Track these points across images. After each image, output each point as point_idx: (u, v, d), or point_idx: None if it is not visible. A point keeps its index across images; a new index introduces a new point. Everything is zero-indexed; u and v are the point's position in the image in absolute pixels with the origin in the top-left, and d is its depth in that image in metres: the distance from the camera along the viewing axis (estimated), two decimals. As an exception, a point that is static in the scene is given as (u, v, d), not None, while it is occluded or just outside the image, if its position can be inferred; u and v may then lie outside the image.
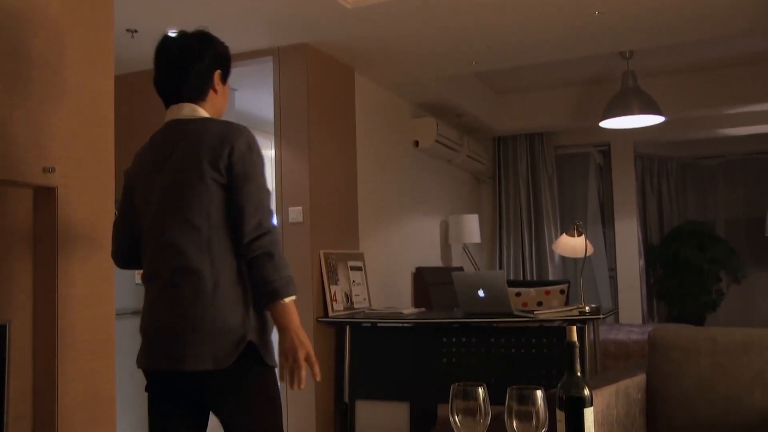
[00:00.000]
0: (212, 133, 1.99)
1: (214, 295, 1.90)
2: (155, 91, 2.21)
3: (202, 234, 1.94)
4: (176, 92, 2.13)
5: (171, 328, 1.93)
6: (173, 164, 2.01)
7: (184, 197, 1.96)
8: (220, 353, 1.88)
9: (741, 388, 2.47)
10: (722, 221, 8.54)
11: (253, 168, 1.97)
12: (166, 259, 1.97)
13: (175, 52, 2.13)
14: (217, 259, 1.93)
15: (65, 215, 2.85)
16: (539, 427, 1.43)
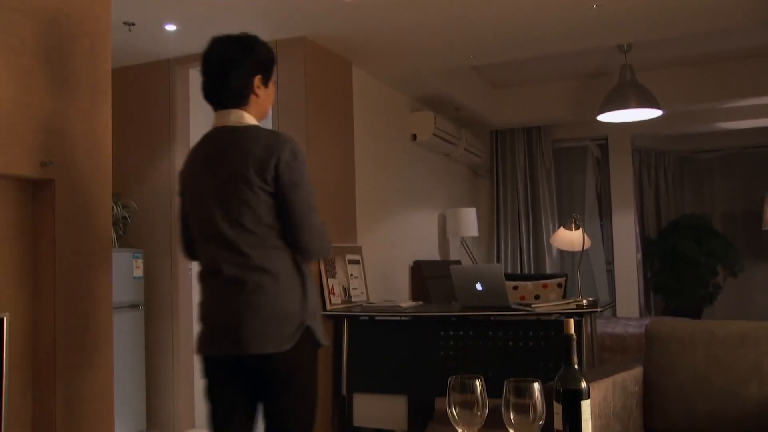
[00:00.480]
0: (260, 144, 2.15)
1: (275, 287, 2.13)
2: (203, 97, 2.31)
3: (258, 235, 2.15)
4: (219, 100, 2.27)
5: (236, 318, 2.13)
6: (225, 173, 2.17)
7: (237, 205, 2.14)
8: (281, 338, 2.11)
9: (737, 380, 2.48)
10: (719, 215, 8.56)
11: (300, 176, 2.16)
12: (226, 257, 2.17)
13: (215, 61, 2.27)
14: (273, 256, 2.15)
15: (63, 208, 2.85)
16: (536, 419, 1.43)
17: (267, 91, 2.30)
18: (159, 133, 5.01)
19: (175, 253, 4.92)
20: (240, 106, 2.24)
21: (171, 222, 4.94)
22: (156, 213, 4.97)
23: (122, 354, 4.53)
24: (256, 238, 2.15)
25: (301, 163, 2.18)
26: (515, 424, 1.43)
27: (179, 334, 4.88)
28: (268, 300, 2.12)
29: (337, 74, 5.07)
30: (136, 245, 4.93)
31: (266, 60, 2.30)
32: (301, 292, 2.18)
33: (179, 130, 5.00)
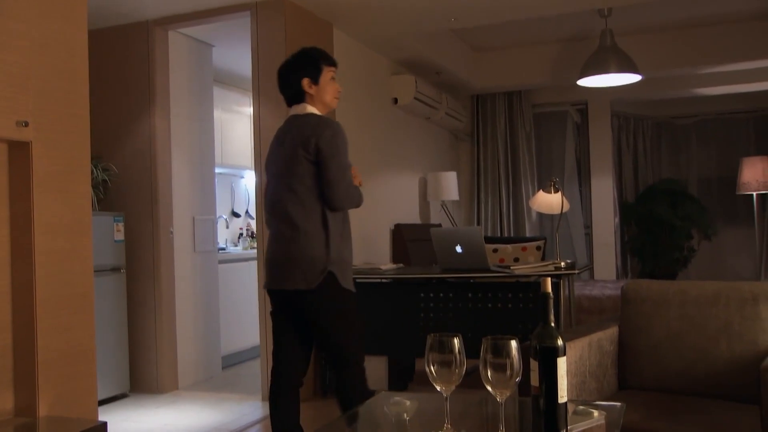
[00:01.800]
0: (309, 125, 2.80)
1: (305, 238, 2.74)
2: None
3: (298, 195, 2.77)
4: (287, 100, 2.98)
5: (278, 261, 2.81)
6: (286, 146, 2.83)
7: (288, 169, 2.80)
8: (308, 277, 2.72)
9: (708, 338, 2.55)
10: (695, 180, 8.68)
11: (336, 150, 2.76)
12: (275, 211, 2.84)
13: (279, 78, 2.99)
14: (308, 212, 2.76)
15: (41, 170, 2.84)
16: (513, 376, 1.47)
17: (320, 88, 2.91)
18: (139, 96, 4.96)
19: (156, 216, 4.91)
20: (300, 102, 2.91)
21: (152, 185, 4.92)
22: (137, 176, 4.95)
23: (104, 317, 4.55)
24: (298, 198, 2.76)
25: (339, 141, 2.78)
26: (493, 382, 1.47)
27: (161, 297, 4.89)
28: (298, 248, 2.73)
29: (317, 36, 5.02)
30: (116, 208, 4.91)
31: (310, 65, 2.91)
32: (325, 244, 2.75)
33: (159, 92, 4.95)
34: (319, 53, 2.96)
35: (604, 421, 1.63)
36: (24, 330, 2.81)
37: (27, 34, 2.78)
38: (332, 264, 2.75)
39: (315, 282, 2.72)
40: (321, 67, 2.91)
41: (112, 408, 4.51)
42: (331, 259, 2.75)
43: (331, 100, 2.95)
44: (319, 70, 2.91)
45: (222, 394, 4.87)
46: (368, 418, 1.92)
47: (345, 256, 2.84)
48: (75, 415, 2.95)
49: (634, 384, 2.69)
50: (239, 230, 6.97)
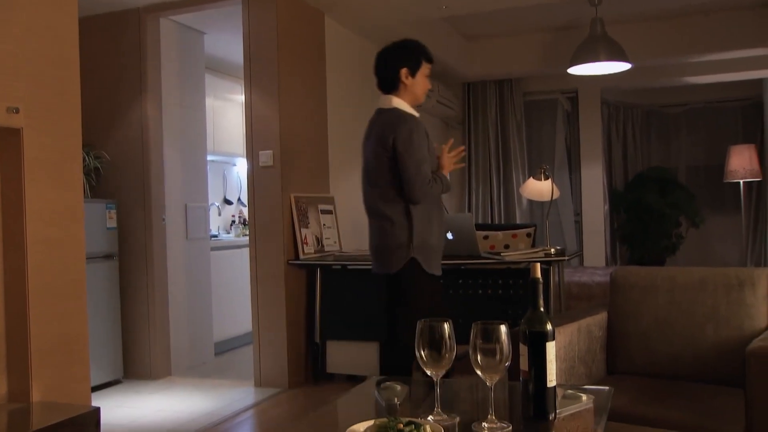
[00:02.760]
0: (388, 122, 2.99)
1: (391, 228, 3.00)
2: None
3: (382, 189, 3.02)
4: (380, 87, 3.13)
5: (372, 248, 3.14)
6: (370, 143, 3.08)
7: (371, 166, 3.07)
8: (393, 263, 3.00)
9: (695, 324, 2.59)
10: (684, 168, 8.74)
11: (411, 146, 2.94)
12: (366, 203, 3.15)
13: (376, 58, 3.14)
14: (391, 205, 3.00)
15: (32, 156, 2.84)
16: (503, 360, 1.49)
17: (415, 81, 3.07)
18: (130, 84, 4.95)
19: (148, 203, 4.91)
20: (392, 93, 3.07)
21: (144, 172, 4.92)
22: (129, 163, 4.94)
23: (97, 304, 4.56)
24: (381, 192, 3.02)
25: (415, 137, 2.96)
26: (482, 366, 1.49)
27: (154, 284, 4.91)
28: (385, 236, 3.02)
29: (309, 25, 5.02)
30: (109, 196, 4.91)
31: (411, 56, 3.07)
32: (408, 232, 2.98)
33: (150, 79, 4.94)
34: (422, 48, 3.13)
35: (593, 405, 1.65)
36: (17, 317, 2.82)
37: (17, 20, 2.78)
38: (415, 251, 2.98)
39: (397, 267, 2.98)
40: (420, 62, 3.09)
41: (105, 394, 4.53)
42: (414, 247, 2.98)
43: (421, 94, 3.13)
44: (419, 64, 3.08)
45: (215, 380, 4.90)
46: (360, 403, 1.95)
47: (431, 242, 3.05)
48: (68, 400, 2.96)
49: (623, 369, 2.73)
50: (231, 217, 6.98)
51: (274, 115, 4.61)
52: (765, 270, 2.62)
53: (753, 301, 2.52)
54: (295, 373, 4.64)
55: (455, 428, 1.53)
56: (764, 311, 2.51)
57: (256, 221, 4.67)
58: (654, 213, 7.97)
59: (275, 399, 4.36)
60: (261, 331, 4.65)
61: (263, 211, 4.65)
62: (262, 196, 4.65)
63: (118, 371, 4.81)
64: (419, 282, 3.00)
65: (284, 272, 4.58)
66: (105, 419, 3.49)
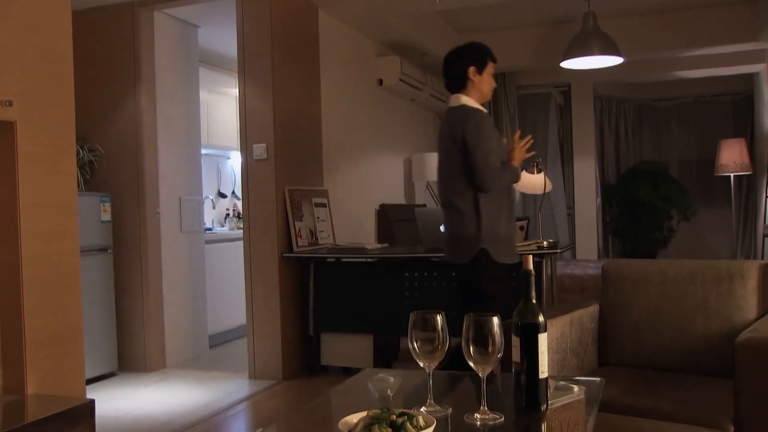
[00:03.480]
0: (457, 118, 3.16)
1: (461, 219, 3.15)
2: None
3: (453, 181, 3.17)
4: (449, 87, 3.31)
5: (446, 238, 3.29)
6: (442, 139, 3.24)
7: (443, 159, 3.24)
8: (464, 253, 3.14)
9: (685, 315, 2.61)
10: (675, 161, 8.78)
11: (479, 137, 3.07)
12: (440, 196, 3.32)
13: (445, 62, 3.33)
14: (462, 196, 3.14)
15: (25, 149, 2.84)
16: (495, 352, 1.50)
17: (482, 78, 3.23)
18: (125, 77, 4.94)
19: (142, 196, 4.91)
20: (460, 91, 3.23)
21: (138, 166, 4.92)
22: (123, 157, 4.94)
23: (92, 297, 4.57)
24: (451, 184, 3.17)
25: (483, 130, 3.09)
26: (475, 358, 1.50)
27: (148, 277, 4.91)
28: (456, 227, 3.17)
29: (303, 18, 5.02)
30: (103, 189, 4.91)
31: (478, 55, 3.24)
32: (477, 223, 3.11)
33: (145, 73, 4.93)
34: (487, 49, 3.31)
35: (584, 396, 1.66)
36: (11, 310, 2.83)
37: (10, 14, 2.77)
38: (485, 241, 3.11)
39: (469, 257, 3.12)
40: (487, 61, 3.25)
41: (100, 386, 4.54)
42: (483, 237, 3.11)
43: (488, 92, 3.27)
44: (485, 63, 3.25)
45: (209, 372, 4.91)
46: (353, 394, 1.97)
47: (500, 232, 3.17)
48: (63, 393, 2.97)
49: (614, 360, 2.75)
50: (225, 211, 6.98)
51: (268, 108, 4.62)
52: (755, 262, 2.64)
53: (743, 293, 2.55)
54: (289, 365, 4.66)
55: (448, 419, 1.54)
56: (754, 303, 2.54)
57: (250, 214, 4.68)
58: (646, 206, 8.01)
59: (270, 391, 4.38)
60: (255, 324, 4.67)
61: (257, 204, 4.66)
62: (256, 189, 4.66)
63: (113, 364, 4.82)
64: (490, 271, 3.14)
65: (278, 265, 4.60)
66: (100, 411, 3.50)
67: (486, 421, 1.50)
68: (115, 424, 3.77)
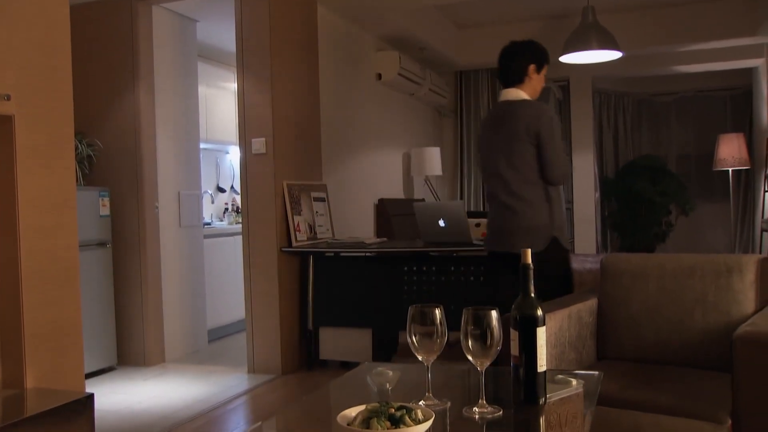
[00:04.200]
0: (528, 113, 3.20)
1: (531, 209, 3.19)
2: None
3: (522, 173, 3.19)
4: (504, 78, 3.35)
5: (507, 229, 3.23)
6: (507, 131, 3.22)
7: (512, 152, 3.21)
8: (535, 242, 3.09)
9: (684, 309, 2.62)
10: (674, 156, 8.78)
11: (553, 133, 3.18)
12: (500, 188, 3.25)
13: (506, 53, 3.38)
14: (530, 189, 3.19)
15: (24, 144, 2.84)
16: (493, 345, 1.50)
17: (539, 77, 3.34)
18: (123, 72, 4.93)
19: (141, 191, 4.91)
20: (516, 85, 3.30)
21: (137, 160, 4.91)
22: (122, 151, 4.94)
23: (91, 291, 4.57)
24: (521, 176, 3.18)
25: (555, 126, 3.20)
26: (473, 351, 1.51)
27: (147, 271, 4.91)
28: (526, 218, 3.19)
29: (301, 12, 5.01)
30: (102, 184, 4.90)
31: (540, 55, 3.33)
32: (549, 214, 3.21)
33: (143, 68, 4.92)
34: (546, 51, 3.41)
35: (582, 390, 1.67)
36: (10, 304, 2.83)
37: (8, 8, 2.77)
38: (555, 230, 3.22)
39: (541, 246, 3.15)
40: (543, 62, 3.36)
41: (99, 381, 4.54)
42: (554, 226, 3.22)
43: (539, 90, 3.39)
44: (542, 64, 3.36)
45: (208, 366, 4.92)
46: (352, 387, 1.97)
47: (563, 221, 3.33)
48: (62, 387, 2.98)
49: (612, 354, 2.76)
50: (224, 205, 6.98)
51: (266, 102, 4.61)
52: (753, 257, 2.65)
53: (741, 287, 2.55)
54: (288, 359, 4.66)
55: (446, 413, 1.54)
56: (752, 297, 2.55)
57: (249, 209, 4.68)
58: (644, 201, 8.01)
59: (269, 385, 4.38)
60: (254, 318, 4.67)
61: (256, 198, 4.66)
62: (254, 183, 4.66)
63: (112, 358, 4.83)
64: (560, 256, 3.28)
65: (277, 259, 4.60)
66: (99, 406, 3.50)
67: (484, 414, 1.50)
68: (114, 418, 3.78)
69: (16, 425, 2.44)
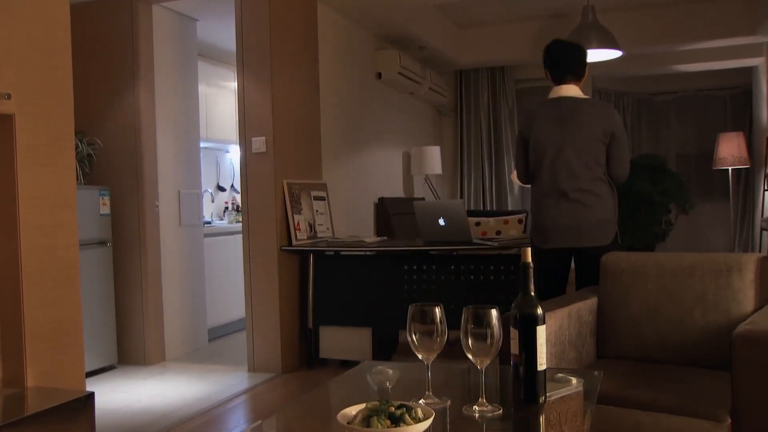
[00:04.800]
0: (601, 113, 3.31)
1: (600, 204, 3.30)
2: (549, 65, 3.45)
3: (592, 170, 3.29)
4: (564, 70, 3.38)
5: (578, 223, 3.29)
6: (579, 129, 3.28)
7: (585, 149, 3.28)
8: (604, 236, 3.29)
9: (684, 309, 2.62)
10: (673, 155, 8.78)
11: (624, 134, 3.35)
12: (572, 185, 3.28)
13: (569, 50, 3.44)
14: (599, 185, 3.29)
15: (24, 143, 2.84)
16: (494, 344, 1.51)
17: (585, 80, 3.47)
18: (123, 71, 4.94)
19: (141, 190, 4.91)
20: (573, 83, 3.38)
21: (137, 159, 4.91)
22: (122, 150, 4.94)
23: (91, 290, 4.57)
24: (592, 173, 3.28)
25: (622, 126, 3.36)
26: (473, 350, 1.51)
27: (147, 270, 4.92)
28: (596, 212, 3.29)
29: (302, 11, 5.01)
30: (102, 183, 4.91)
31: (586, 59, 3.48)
32: (614, 208, 3.38)
33: (143, 67, 4.92)
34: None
35: (582, 388, 1.67)
36: (11, 302, 2.83)
37: (7, 6, 2.77)
38: (617, 224, 3.40)
39: (609, 239, 3.31)
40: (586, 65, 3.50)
41: (99, 379, 4.55)
42: (617, 221, 3.40)
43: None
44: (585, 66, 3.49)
45: (208, 365, 4.93)
46: (352, 386, 1.97)
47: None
48: (63, 385, 2.98)
49: (612, 353, 2.76)
50: (224, 204, 6.98)
51: (266, 101, 4.61)
52: (752, 255, 2.65)
53: (740, 286, 2.56)
54: (288, 358, 4.67)
55: (446, 411, 1.55)
56: (751, 296, 2.55)
57: (249, 208, 4.68)
58: (644, 200, 8.00)
59: (269, 384, 4.39)
60: (254, 317, 4.68)
61: (256, 197, 4.66)
62: (255, 182, 4.66)
63: (112, 357, 4.83)
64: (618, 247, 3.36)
65: (277, 258, 4.60)
66: (99, 404, 3.51)
67: (484, 413, 1.51)
68: (114, 417, 3.78)
69: (17, 424, 2.44)
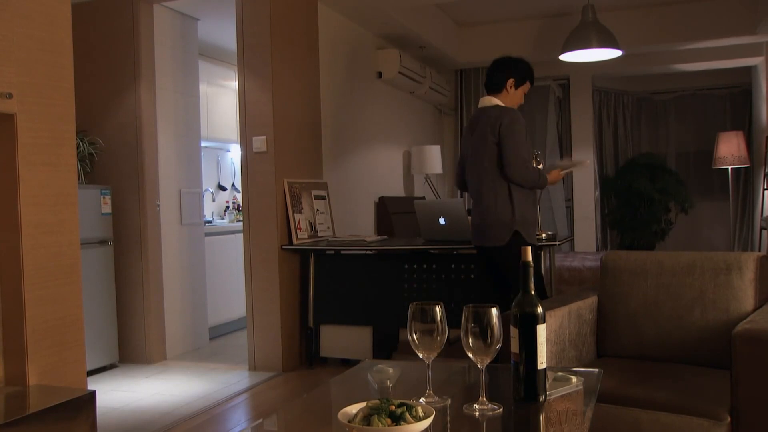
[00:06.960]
0: (494, 115, 3.54)
1: (496, 205, 3.50)
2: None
3: (488, 172, 3.52)
4: (488, 83, 3.71)
5: (480, 223, 3.61)
6: (477, 133, 3.58)
7: (480, 152, 3.55)
8: (500, 236, 3.50)
9: (683, 307, 2.63)
10: (673, 154, 8.79)
11: (513, 133, 3.47)
12: (473, 185, 3.63)
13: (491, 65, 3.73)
14: (497, 185, 3.50)
15: (25, 142, 2.84)
16: (494, 343, 1.51)
17: (516, 93, 3.69)
18: (124, 70, 4.94)
19: (142, 189, 4.92)
20: (495, 94, 3.66)
21: (138, 158, 4.92)
22: (123, 149, 4.95)
23: (93, 289, 4.58)
24: (487, 174, 3.50)
25: (516, 126, 3.49)
26: (474, 349, 1.51)
27: (149, 269, 4.92)
28: (491, 213, 3.51)
29: (302, 11, 5.02)
30: (103, 182, 4.91)
31: (522, 73, 3.68)
32: (511, 209, 3.48)
33: (144, 66, 4.93)
34: (532, 72, 3.74)
35: (582, 387, 1.68)
36: (12, 301, 2.83)
37: (9, 5, 2.77)
38: (518, 225, 3.48)
39: (504, 239, 3.48)
40: (524, 80, 3.69)
41: (101, 378, 4.55)
42: (517, 221, 3.48)
43: (516, 105, 3.69)
44: (523, 81, 3.69)
45: (209, 364, 4.93)
46: (352, 385, 1.98)
47: (528, 218, 3.55)
48: (64, 384, 2.98)
49: (612, 352, 2.77)
50: (225, 203, 6.99)
51: (267, 100, 4.62)
52: (752, 254, 2.66)
53: (740, 285, 2.56)
54: (289, 357, 4.68)
55: (447, 410, 1.55)
56: (750, 294, 2.55)
57: (250, 207, 4.69)
58: (644, 198, 8.02)
59: (269, 383, 4.40)
60: (255, 316, 4.68)
61: (257, 196, 4.67)
62: (255, 181, 4.67)
63: (114, 355, 4.84)
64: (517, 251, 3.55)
65: (278, 257, 4.61)
66: (101, 403, 3.52)
67: (485, 411, 1.51)
68: (115, 415, 3.79)
69: (18, 422, 2.45)
